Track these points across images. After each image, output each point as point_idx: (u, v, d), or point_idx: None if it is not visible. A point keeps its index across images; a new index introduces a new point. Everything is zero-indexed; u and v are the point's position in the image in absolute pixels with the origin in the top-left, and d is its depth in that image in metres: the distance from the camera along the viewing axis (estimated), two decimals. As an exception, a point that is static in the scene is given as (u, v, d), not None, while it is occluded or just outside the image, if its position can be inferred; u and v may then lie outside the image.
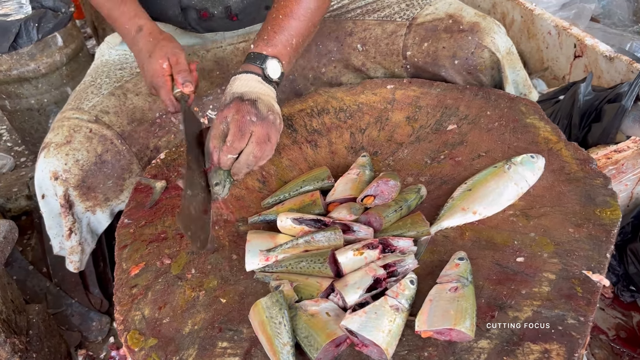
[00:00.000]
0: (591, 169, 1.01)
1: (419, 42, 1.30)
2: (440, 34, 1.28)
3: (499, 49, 1.25)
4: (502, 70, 1.26)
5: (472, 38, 1.25)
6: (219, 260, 0.97)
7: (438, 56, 1.28)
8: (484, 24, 1.26)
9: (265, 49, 1.11)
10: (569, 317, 0.80)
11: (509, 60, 1.28)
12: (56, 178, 1.20)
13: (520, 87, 1.33)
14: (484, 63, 1.26)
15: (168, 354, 0.83)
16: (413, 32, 1.32)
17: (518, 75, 1.32)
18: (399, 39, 1.33)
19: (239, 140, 0.98)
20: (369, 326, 0.77)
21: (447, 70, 1.28)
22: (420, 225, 0.93)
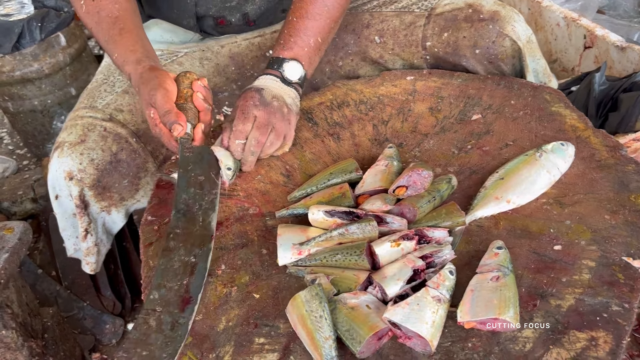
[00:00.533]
0: (622, 156, 1.00)
1: (439, 32, 1.29)
2: (460, 24, 1.27)
3: (520, 37, 1.24)
4: (523, 58, 1.26)
5: (492, 27, 1.24)
6: (249, 255, 0.95)
7: (459, 46, 1.27)
8: (504, 12, 1.25)
9: (282, 52, 1.14)
10: (613, 304, 0.78)
11: (529, 49, 1.27)
12: (71, 178, 1.18)
13: (540, 76, 1.33)
14: (506, 52, 1.25)
15: (204, 351, 0.81)
16: (432, 23, 1.30)
17: (538, 63, 1.31)
18: (417, 29, 1.31)
19: (243, 123, 1.03)
20: (412, 318, 0.75)
21: (468, 60, 1.27)
22: (455, 215, 0.92)
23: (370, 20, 1.37)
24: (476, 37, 1.25)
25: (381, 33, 1.35)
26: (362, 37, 1.37)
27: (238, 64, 1.38)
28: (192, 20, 1.31)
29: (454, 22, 1.28)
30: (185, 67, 1.34)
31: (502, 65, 1.26)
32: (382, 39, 1.35)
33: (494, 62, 1.26)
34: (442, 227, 0.91)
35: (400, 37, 1.34)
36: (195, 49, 1.37)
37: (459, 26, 1.27)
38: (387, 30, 1.35)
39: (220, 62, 1.37)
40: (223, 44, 1.38)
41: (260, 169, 1.12)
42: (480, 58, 1.26)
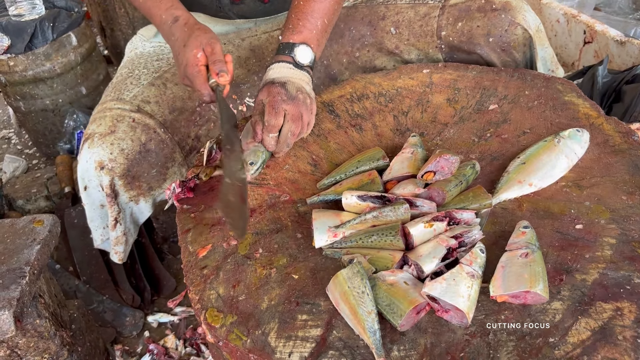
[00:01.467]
0: (634, 141, 1.06)
1: (453, 22, 1.35)
2: (474, 14, 1.33)
3: (530, 26, 1.31)
4: (533, 46, 1.32)
5: (505, 16, 1.30)
6: (284, 239, 0.99)
7: (473, 35, 1.33)
8: (515, 2, 1.32)
9: (292, 37, 1.17)
10: (635, 277, 0.83)
11: (538, 37, 1.34)
12: (102, 167, 1.21)
13: (548, 64, 1.39)
14: (517, 40, 1.31)
15: (250, 328, 0.85)
16: (447, 13, 1.36)
17: (546, 52, 1.38)
18: (432, 20, 1.37)
19: (275, 118, 1.07)
20: (449, 292, 0.80)
21: (482, 48, 1.33)
22: (482, 197, 0.97)
23: (385, 12, 1.43)
24: (489, 26, 1.31)
25: (397, 24, 1.41)
26: (378, 28, 1.43)
27: (258, 56, 1.42)
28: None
29: (467, 12, 1.34)
30: None
31: (514, 52, 1.32)
32: (397, 30, 1.41)
33: (507, 50, 1.32)
34: (469, 209, 0.96)
35: (415, 27, 1.39)
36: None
37: (473, 16, 1.33)
38: (403, 21, 1.40)
39: (242, 54, 1.41)
40: (243, 36, 1.43)
41: (287, 158, 1.16)
42: (493, 46, 1.32)
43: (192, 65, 1.10)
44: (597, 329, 0.78)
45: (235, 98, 1.37)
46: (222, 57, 1.10)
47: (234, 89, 1.37)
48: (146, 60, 1.39)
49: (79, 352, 1.36)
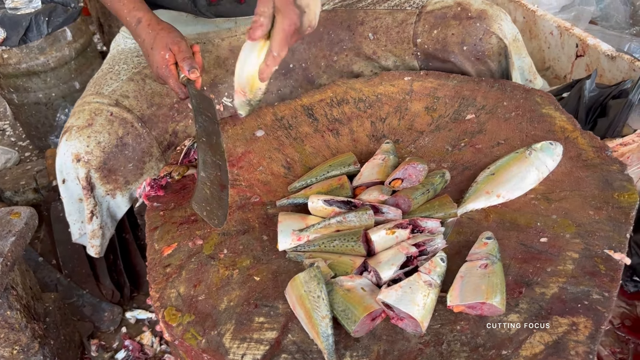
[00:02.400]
0: (607, 156, 1.05)
1: (429, 29, 1.35)
2: (449, 21, 1.33)
3: (506, 36, 1.31)
4: (509, 56, 1.32)
5: (480, 25, 1.30)
6: (250, 241, 0.99)
7: (447, 42, 1.33)
8: (491, 11, 1.32)
9: None
10: (594, 292, 0.83)
11: (515, 47, 1.34)
12: (78, 160, 1.22)
13: (526, 74, 1.39)
14: (492, 49, 1.31)
15: (206, 328, 0.85)
16: (423, 20, 1.36)
17: (523, 61, 1.37)
18: (409, 27, 1.37)
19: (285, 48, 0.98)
20: (405, 300, 0.80)
21: (456, 56, 1.33)
22: (448, 207, 0.97)
23: (364, 17, 1.43)
24: (464, 34, 1.31)
25: (375, 30, 1.41)
26: (356, 33, 1.43)
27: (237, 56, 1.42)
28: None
29: (443, 19, 1.34)
30: None
31: (488, 61, 1.32)
32: (375, 36, 1.41)
33: (481, 59, 1.32)
34: (435, 217, 0.96)
35: (392, 34, 1.39)
36: (197, 42, 1.42)
37: (448, 23, 1.33)
38: (381, 27, 1.41)
39: (221, 54, 1.42)
40: (223, 37, 1.43)
41: (262, 160, 1.17)
42: (467, 54, 1.32)
43: (162, 67, 1.13)
44: (550, 343, 0.77)
45: (213, 97, 1.37)
46: (189, 53, 1.12)
47: (211, 89, 1.37)
48: (127, 56, 1.40)
49: (52, 345, 1.37)
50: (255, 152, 1.19)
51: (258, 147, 1.20)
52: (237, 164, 1.16)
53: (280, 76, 1.44)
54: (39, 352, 1.32)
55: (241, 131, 1.25)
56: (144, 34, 1.18)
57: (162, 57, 1.14)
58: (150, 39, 1.16)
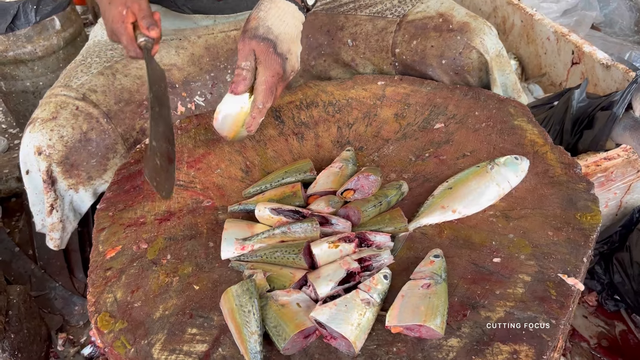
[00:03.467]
0: (575, 174, 1.01)
1: (408, 39, 1.30)
2: (429, 33, 1.28)
3: (488, 51, 1.24)
4: (490, 72, 1.26)
5: (460, 38, 1.24)
6: (195, 247, 0.96)
7: (426, 55, 1.27)
8: (474, 24, 1.26)
9: None
10: (541, 319, 0.79)
11: (498, 63, 1.27)
12: (40, 153, 1.20)
13: (509, 91, 1.33)
14: (472, 64, 1.25)
15: (137, 337, 0.83)
16: (403, 30, 1.31)
17: (507, 78, 1.31)
18: (388, 35, 1.32)
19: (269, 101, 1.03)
20: (338, 318, 0.77)
21: (434, 69, 1.28)
22: (398, 221, 0.93)
23: (344, 22, 1.38)
24: (443, 47, 1.25)
25: (354, 36, 1.37)
26: (335, 39, 1.39)
27: (213, 55, 1.39)
28: None
29: (423, 30, 1.29)
30: (161, 55, 1.35)
31: (467, 77, 1.27)
32: (354, 42, 1.37)
33: (460, 74, 1.26)
34: (384, 232, 0.92)
35: (372, 41, 1.35)
36: (172, 37, 1.39)
37: (428, 35, 1.28)
38: (360, 34, 1.36)
39: (196, 52, 1.38)
40: (200, 34, 1.40)
41: (220, 162, 1.14)
42: (446, 68, 1.26)
43: (117, 22, 1.07)
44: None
45: (185, 96, 1.34)
46: (149, 12, 1.07)
47: (184, 87, 1.34)
48: (100, 48, 1.37)
49: (12, 339, 1.36)
50: (215, 154, 1.16)
51: (219, 149, 1.17)
52: (195, 165, 1.13)
53: None
54: (-3, 346, 1.31)
55: (204, 131, 1.22)
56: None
57: (120, 12, 1.07)
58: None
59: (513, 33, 2.19)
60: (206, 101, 1.36)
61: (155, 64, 1.08)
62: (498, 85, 1.28)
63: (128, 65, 1.32)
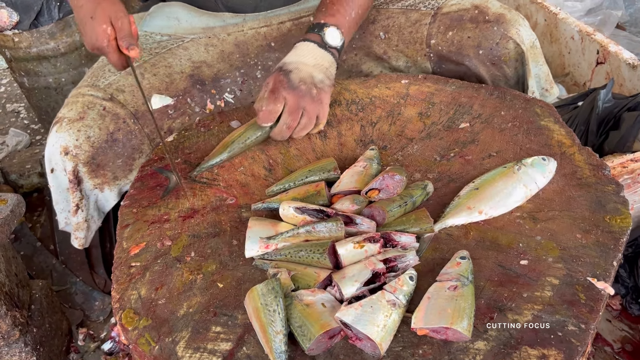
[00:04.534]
0: (604, 175, 0.99)
1: (444, 31, 1.30)
2: (466, 24, 1.28)
3: (524, 41, 1.25)
4: (525, 63, 1.26)
5: (497, 29, 1.24)
6: (219, 245, 0.96)
7: (463, 45, 1.27)
8: (510, 15, 1.26)
9: (324, 18, 1.18)
10: (570, 323, 0.78)
11: (532, 54, 1.28)
12: (66, 153, 1.20)
13: (542, 82, 1.33)
14: (509, 54, 1.25)
15: (161, 334, 0.83)
16: (438, 21, 1.31)
17: (540, 69, 1.31)
18: (423, 27, 1.32)
19: (273, 104, 1.09)
20: (363, 319, 0.76)
21: (471, 59, 1.28)
22: (423, 222, 0.92)
23: (376, 16, 1.38)
24: (480, 37, 1.26)
25: (386, 29, 1.36)
26: (367, 32, 1.38)
27: (242, 52, 1.39)
28: None
29: (459, 22, 1.29)
30: (191, 52, 1.35)
31: (504, 67, 1.26)
32: (387, 35, 1.36)
33: (497, 64, 1.26)
34: (409, 232, 0.91)
35: (405, 34, 1.34)
36: (201, 35, 1.39)
37: (464, 26, 1.28)
38: (393, 26, 1.36)
39: (225, 49, 1.38)
40: (229, 31, 1.40)
41: (243, 160, 1.14)
42: (483, 59, 1.26)
43: (102, 40, 1.09)
44: (515, 376, 0.73)
45: (214, 93, 1.34)
46: (129, 31, 1.09)
47: (213, 84, 1.34)
48: None
49: (34, 333, 1.37)
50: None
51: (242, 146, 1.17)
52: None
53: None
54: (20, 340, 1.32)
55: (227, 129, 1.22)
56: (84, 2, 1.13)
57: (104, 30, 1.08)
58: (91, 7, 1.11)
59: (536, 32, 2.16)
60: (235, 98, 1.36)
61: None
62: (532, 77, 1.28)
63: (157, 65, 1.32)
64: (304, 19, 1.40)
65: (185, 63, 1.34)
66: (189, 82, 1.32)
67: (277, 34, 1.40)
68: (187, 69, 1.33)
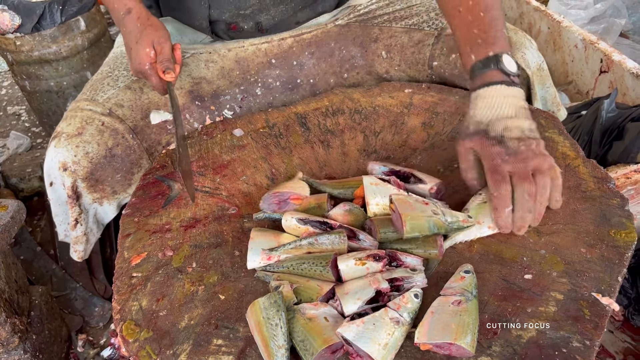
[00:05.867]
0: (608, 188, 0.98)
1: (447, 53, 1.28)
2: None
3: (529, 65, 1.22)
4: (531, 86, 1.24)
5: None
6: (221, 255, 0.96)
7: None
8: (515, 38, 1.24)
9: (489, 49, 0.96)
10: (574, 339, 0.77)
11: (538, 77, 1.25)
12: (65, 169, 1.20)
13: (549, 104, 1.30)
14: None
15: (162, 347, 0.82)
16: (441, 43, 1.29)
17: (547, 92, 1.29)
18: (425, 48, 1.30)
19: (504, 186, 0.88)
20: (365, 337, 0.75)
21: None
22: (431, 246, 0.90)
23: (379, 34, 1.37)
24: None
25: (389, 48, 1.35)
26: (369, 51, 1.37)
27: (243, 69, 1.38)
28: (205, 22, 1.34)
29: None
30: (190, 68, 1.35)
31: None
32: (389, 55, 1.35)
33: None
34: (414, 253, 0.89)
35: (407, 54, 1.33)
36: (202, 51, 1.38)
37: None
38: (395, 46, 1.34)
39: (226, 65, 1.38)
40: (230, 47, 1.39)
41: (246, 169, 1.13)
42: None
43: (144, 64, 1.14)
44: (520, 393, 0.72)
45: (214, 109, 1.33)
46: (169, 55, 1.14)
47: (212, 100, 1.33)
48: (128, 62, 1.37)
49: (34, 340, 1.36)
50: (240, 160, 1.15)
51: (244, 155, 1.16)
52: (220, 171, 1.13)
53: (287, 90, 1.39)
54: (19, 347, 1.31)
55: (229, 137, 1.21)
56: (131, 25, 1.18)
57: (147, 54, 1.14)
58: (137, 33, 1.16)
59: (539, 40, 2.16)
60: (235, 115, 1.35)
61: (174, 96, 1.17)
62: (538, 100, 1.26)
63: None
64: (305, 35, 1.39)
65: (185, 79, 1.33)
66: (188, 97, 1.32)
67: (278, 50, 1.39)
68: (187, 85, 1.33)
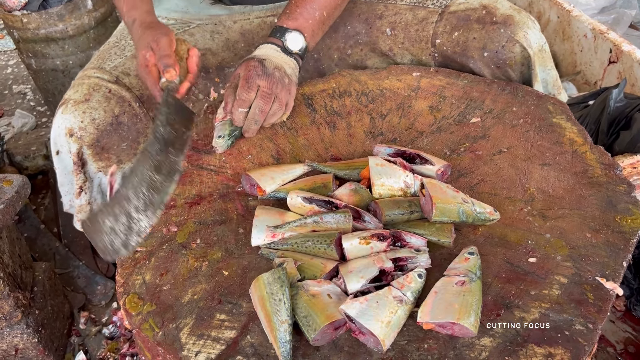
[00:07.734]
0: (615, 175, 0.98)
1: (450, 30, 1.27)
2: (472, 24, 1.25)
3: (531, 45, 1.21)
4: (532, 67, 1.23)
5: (504, 31, 1.21)
6: (225, 232, 0.96)
7: (468, 47, 1.24)
8: (518, 17, 1.22)
9: (286, 22, 1.17)
10: (577, 322, 0.77)
11: (540, 58, 1.24)
12: (71, 135, 1.20)
13: (550, 87, 1.29)
14: (514, 58, 1.22)
15: (165, 320, 0.82)
16: (444, 20, 1.28)
17: (549, 74, 1.28)
18: (429, 25, 1.30)
19: (246, 92, 1.07)
20: (368, 314, 0.75)
21: (475, 62, 1.25)
22: (444, 235, 0.89)
23: (384, 11, 1.36)
24: (486, 39, 1.22)
25: (393, 25, 1.34)
26: (373, 27, 1.36)
27: (248, 41, 1.38)
28: None
29: (466, 22, 1.26)
30: (196, 39, 1.35)
31: (509, 71, 1.23)
32: (393, 32, 1.34)
33: (502, 67, 1.23)
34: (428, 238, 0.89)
35: (411, 31, 1.32)
36: (207, 22, 1.38)
37: (471, 27, 1.25)
38: (399, 23, 1.33)
39: (231, 37, 1.37)
40: (236, 19, 1.38)
41: (252, 148, 1.13)
42: (487, 61, 1.23)
43: (141, 66, 1.08)
44: (521, 373, 0.72)
45: (218, 81, 1.33)
46: (168, 51, 1.06)
47: (217, 72, 1.33)
48: None
49: (36, 315, 1.37)
50: (246, 140, 1.15)
51: (250, 135, 1.16)
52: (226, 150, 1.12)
53: None
54: (22, 321, 1.32)
55: (235, 116, 1.21)
56: (134, 34, 1.16)
57: (143, 56, 1.08)
58: (137, 39, 1.13)
59: (548, 29, 2.14)
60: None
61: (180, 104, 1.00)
62: (539, 81, 1.25)
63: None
64: None
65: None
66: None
67: None
68: None
